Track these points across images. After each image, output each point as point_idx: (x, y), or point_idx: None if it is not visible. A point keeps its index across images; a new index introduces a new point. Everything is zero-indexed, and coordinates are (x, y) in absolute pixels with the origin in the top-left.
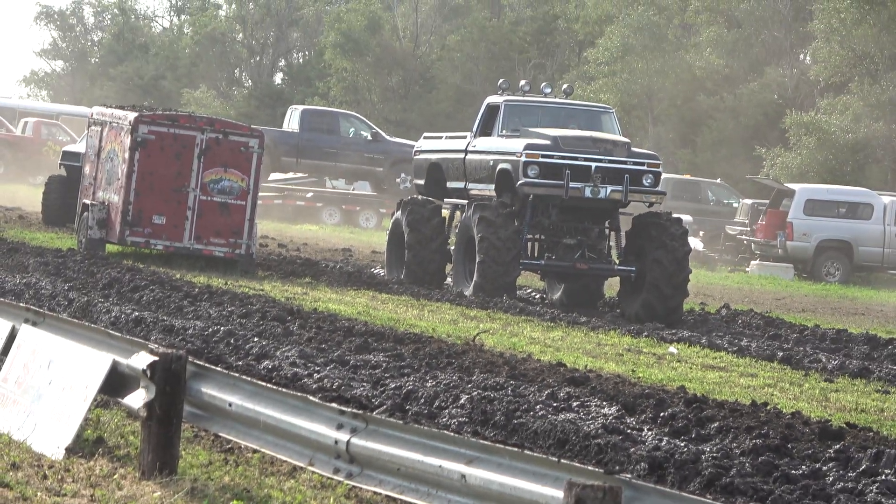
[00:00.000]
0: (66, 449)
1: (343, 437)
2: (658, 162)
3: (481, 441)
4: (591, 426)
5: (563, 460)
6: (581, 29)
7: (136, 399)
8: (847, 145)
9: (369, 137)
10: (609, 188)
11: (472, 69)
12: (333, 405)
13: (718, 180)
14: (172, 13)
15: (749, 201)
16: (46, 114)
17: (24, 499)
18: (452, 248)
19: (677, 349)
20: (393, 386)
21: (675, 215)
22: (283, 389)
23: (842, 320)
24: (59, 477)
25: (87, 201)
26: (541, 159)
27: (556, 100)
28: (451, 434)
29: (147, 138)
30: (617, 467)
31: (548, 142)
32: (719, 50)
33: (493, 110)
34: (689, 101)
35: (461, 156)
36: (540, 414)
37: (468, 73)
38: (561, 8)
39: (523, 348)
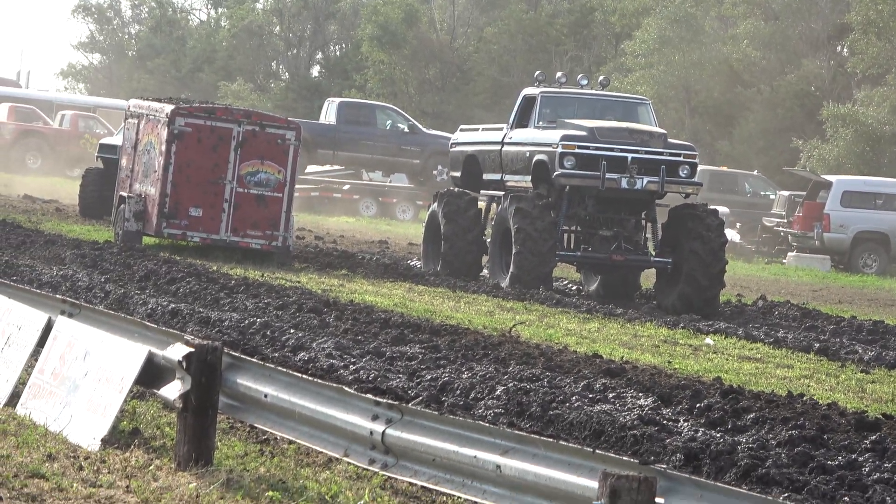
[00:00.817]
0: (101, 440)
1: (378, 427)
2: (694, 153)
3: (516, 432)
4: (627, 417)
5: (597, 451)
6: (618, 21)
7: (172, 390)
8: (884, 137)
9: (406, 130)
10: (645, 179)
11: (509, 61)
12: (369, 396)
13: (755, 172)
14: (210, 6)
15: (786, 193)
16: (84, 106)
17: (60, 489)
18: (489, 239)
19: (713, 340)
20: (429, 377)
21: (711, 207)
22: (319, 381)
23: (879, 312)
24: (95, 468)
25: (124, 193)
26: (577, 150)
27: (593, 91)
28: (486, 425)
29: (184, 130)
30: (652, 458)
31: (584, 133)
32: (756, 42)
33: (529, 102)
34: (727, 93)
35: (497, 147)
36: (576, 405)
37: (505, 65)
38: (598, 0)
39: (559, 340)
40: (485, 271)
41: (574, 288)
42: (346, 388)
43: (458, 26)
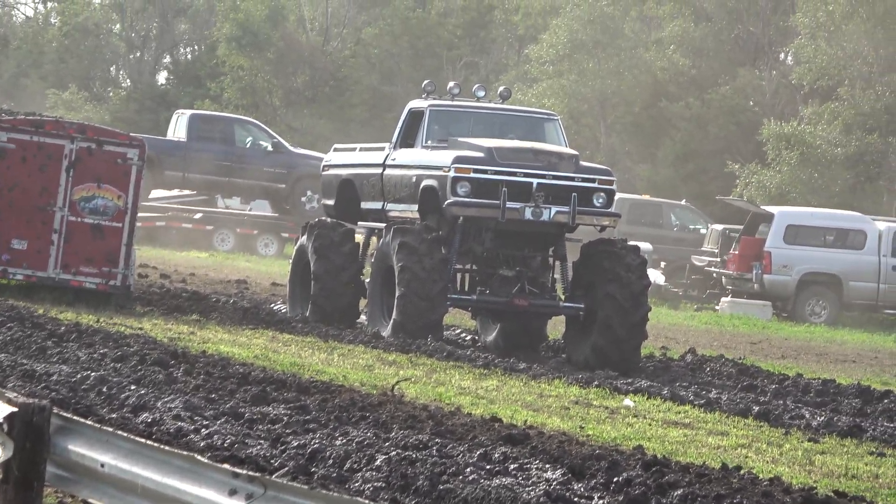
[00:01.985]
0: None
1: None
2: (612, 178)
3: None
4: (532, 493)
5: None
6: (521, 22)
7: None
8: (835, 161)
9: (269, 148)
10: (553, 209)
11: (393, 68)
12: (225, 466)
13: (683, 201)
14: (37, 0)
15: (719, 227)
16: None
17: None
18: (367, 280)
19: (634, 402)
20: (296, 444)
21: (631, 243)
22: (166, 447)
23: (829, 369)
24: None
25: None
26: (472, 175)
27: (492, 105)
28: (365, 502)
29: (5, 147)
30: None
31: (481, 154)
32: (685, 48)
33: (416, 117)
34: (649, 108)
35: (378, 171)
36: (471, 478)
37: (387, 72)
38: None
39: (451, 400)
40: (363, 317)
41: (469, 338)
42: (199, 457)
43: (333, 26)
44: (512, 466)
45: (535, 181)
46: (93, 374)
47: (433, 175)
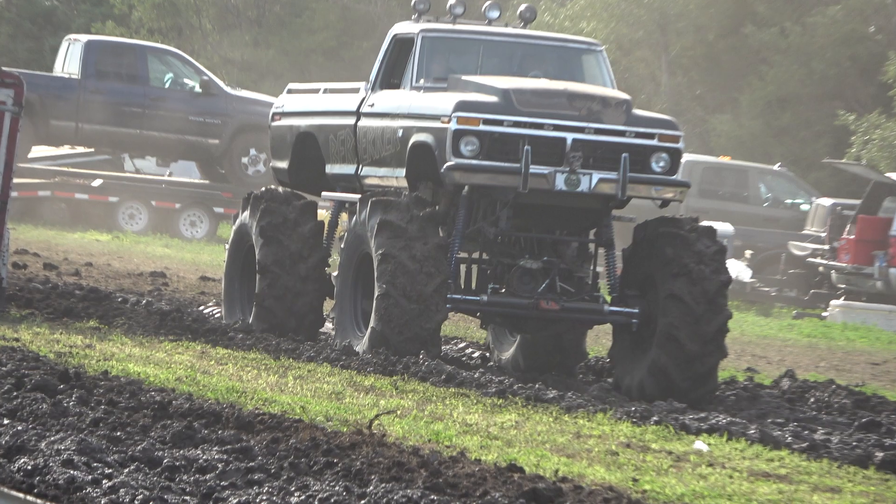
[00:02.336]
0: None
1: None
2: (677, 133)
3: None
4: None
5: None
6: None
7: None
8: None
9: (197, 89)
10: (596, 176)
11: None
12: None
13: (777, 166)
14: None
15: (827, 202)
16: None
17: None
18: (335, 273)
19: (708, 445)
20: (235, 502)
21: (704, 223)
22: None
23: None
24: None
25: None
26: (482, 127)
27: (509, 30)
28: None
29: None
30: None
31: (494, 98)
32: None
33: (403, 47)
34: (729, 36)
35: (350, 121)
36: None
37: None
38: None
39: (452, 441)
40: (328, 325)
41: (477, 355)
42: None
43: None
44: None
45: (569, 136)
46: None
47: (427, 127)
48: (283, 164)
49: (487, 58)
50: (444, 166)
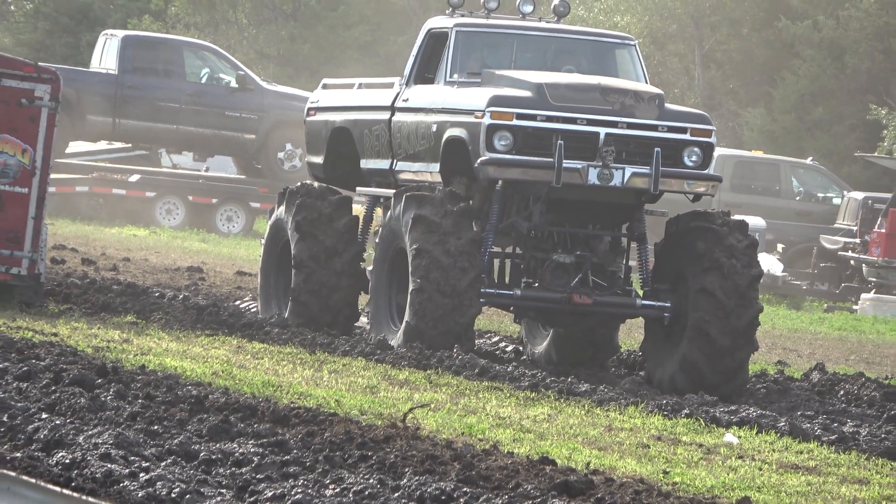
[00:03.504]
0: None
1: None
2: (710, 128)
3: None
4: None
5: None
6: None
7: None
8: None
9: (233, 84)
10: (629, 170)
11: None
12: None
13: (809, 160)
14: None
15: (859, 195)
16: None
17: None
18: (370, 268)
19: (738, 437)
20: (270, 495)
21: (736, 217)
22: (91, 499)
23: None
24: None
25: None
26: (516, 122)
27: (543, 24)
28: None
29: None
30: None
31: (528, 93)
32: None
33: (437, 41)
34: (763, 29)
35: (385, 116)
36: None
37: None
38: None
39: (486, 434)
40: (363, 319)
41: (510, 349)
42: None
43: None
44: None
45: (602, 131)
46: None
47: (461, 122)
48: (319, 160)
49: (521, 52)
50: (478, 161)
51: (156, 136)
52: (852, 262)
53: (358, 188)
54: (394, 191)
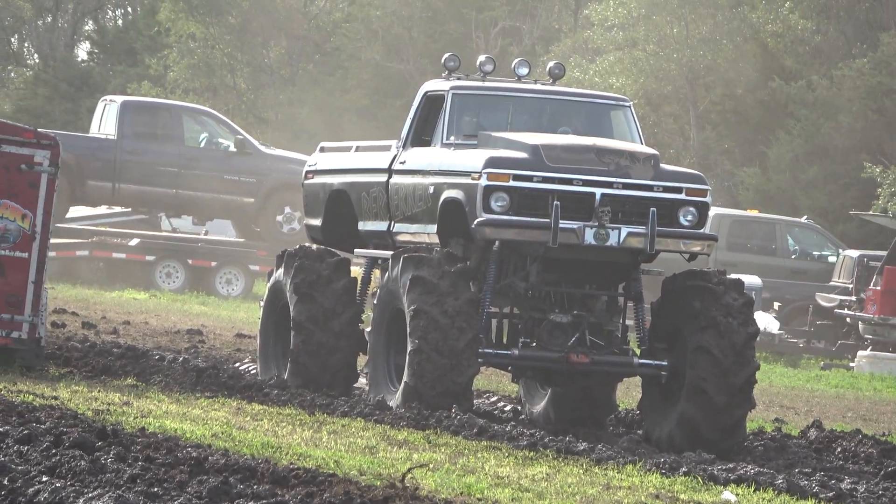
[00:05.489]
0: None
1: None
2: (705, 188)
3: None
4: None
5: None
6: None
7: None
8: None
9: (232, 148)
10: (624, 230)
11: (402, 37)
12: None
13: (804, 219)
14: None
15: (855, 253)
16: None
17: None
18: (368, 329)
19: (736, 495)
20: None
21: (732, 276)
22: None
23: None
24: None
25: None
26: (512, 183)
27: (538, 87)
28: None
29: None
30: None
31: (524, 154)
32: (806, 4)
33: (434, 104)
34: (757, 90)
35: (382, 179)
36: None
37: (395, 43)
38: None
39: (485, 493)
40: (362, 381)
41: (509, 409)
42: None
43: None
44: None
45: (598, 192)
46: None
47: (458, 184)
48: (317, 222)
49: (517, 114)
50: (475, 222)
51: (155, 200)
52: (848, 319)
53: (356, 250)
54: (391, 252)
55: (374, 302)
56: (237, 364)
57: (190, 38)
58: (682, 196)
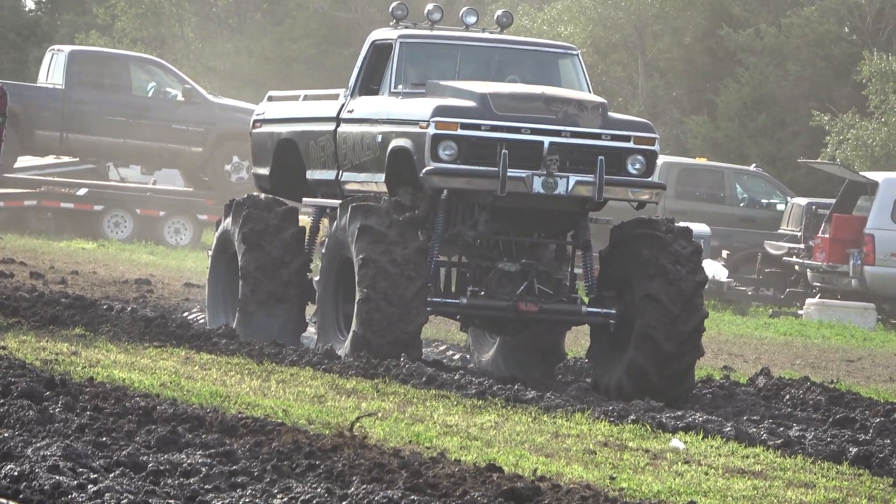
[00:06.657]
0: None
1: None
2: (653, 136)
3: None
4: None
5: None
6: None
7: None
8: None
9: (180, 97)
10: (573, 179)
11: None
12: None
13: (753, 166)
14: None
15: (803, 201)
16: None
17: None
18: (317, 279)
19: (685, 443)
20: None
21: (681, 224)
22: None
23: None
24: None
25: None
26: (460, 131)
27: (486, 35)
28: None
29: None
30: None
31: (472, 103)
32: None
33: (382, 53)
34: (706, 38)
35: (330, 127)
36: None
37: None
38: None
39: (433, 442)
40: (310, 329)
41: (457, 357)
42: None
43: None
44: None
45: (546, 140)
46: None
47: (406, 132)
48: (265, 171)
49: (465, 63)
50: (423, 171)
51: (103, 149)
52: (797, 267)
53: (304, 199)
54: (340, 201)
55: (323, 251)
56: (185, 313)
57: None
58: (631, 144)
